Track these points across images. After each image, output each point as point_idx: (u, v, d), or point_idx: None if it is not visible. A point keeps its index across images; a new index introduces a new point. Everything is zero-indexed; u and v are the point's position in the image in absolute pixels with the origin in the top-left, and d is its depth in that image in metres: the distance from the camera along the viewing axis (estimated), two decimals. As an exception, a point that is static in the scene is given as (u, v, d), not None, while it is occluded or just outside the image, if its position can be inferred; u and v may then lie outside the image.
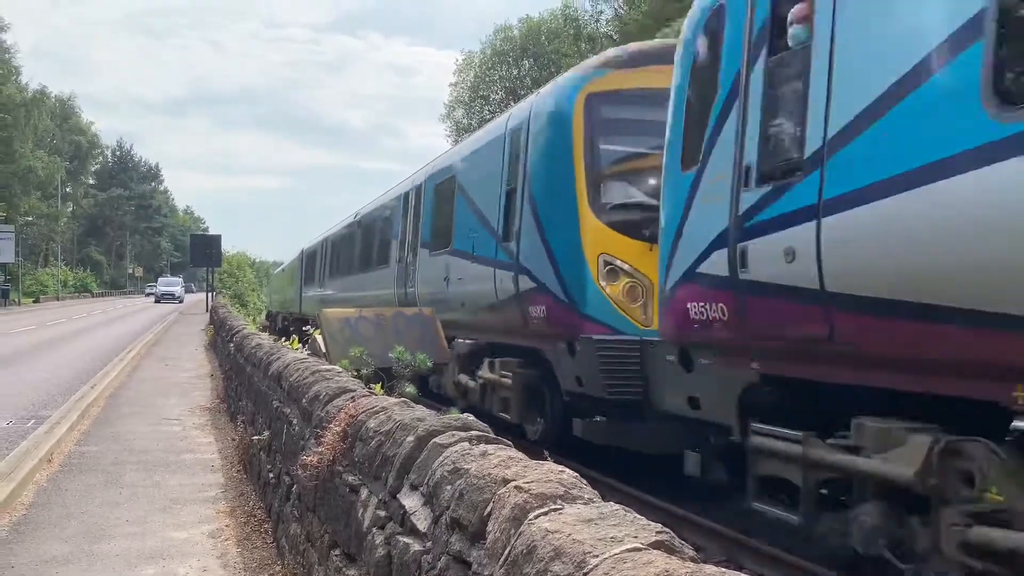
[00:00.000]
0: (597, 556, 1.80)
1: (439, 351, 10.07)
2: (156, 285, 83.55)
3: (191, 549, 5.73)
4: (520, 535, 2.10)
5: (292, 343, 10.29)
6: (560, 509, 2.15)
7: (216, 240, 47.15)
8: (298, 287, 29.97)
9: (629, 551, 1.80)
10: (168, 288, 76.97)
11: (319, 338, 9.74)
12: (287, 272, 35.90)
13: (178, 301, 71.00)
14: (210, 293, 45.89)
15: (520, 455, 2.73)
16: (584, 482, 2.41)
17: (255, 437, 7.39)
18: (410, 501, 3.05)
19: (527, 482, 2.34)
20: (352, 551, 3.72)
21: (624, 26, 41.91)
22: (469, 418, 3.48)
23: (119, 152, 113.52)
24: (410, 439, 3.30)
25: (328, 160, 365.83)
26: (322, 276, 24.37)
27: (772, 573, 5.91)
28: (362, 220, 18.99)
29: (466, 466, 2.70)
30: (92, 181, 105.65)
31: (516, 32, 57.04)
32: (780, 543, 6.15)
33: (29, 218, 68.34)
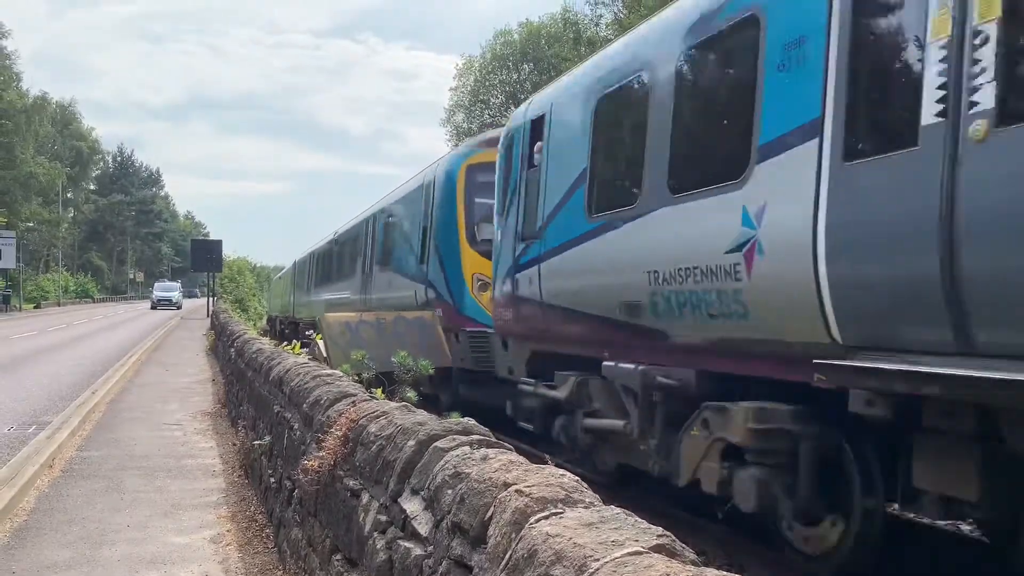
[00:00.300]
0: (598, 560, 1.80)
1: (441, 356, 10.09)
2: (152, 290, 79.89)
3: (192, 554, 5.74)
4: (521, 539, 2.10)
5: (294, 348, 10.29)
6: (561, 513, 2.15)
7: (217, 245, 47.15)
8: (291, 293, 34.25)
9: (630, 555, 1.80)
10: (165, 293, 72.99)
11: (320, 343, 9.76)
12: (283, 280, 40.86)
13: (176, 307, 68.08)
14: (211, 298, 45.92)
15: (521, 459, 2.74)
16: (585, 486, 2.41)
17: (256, 442, 7.39)
18: (411, 505, 3.06)
19: (528, 486, 2.34)
20: (353, 556, 3.72)
21: (624, 30, 41.97)
22: (470, 422, 3.49)
23: (120, 157, 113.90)
24: (411, 443, 3.30)
25: (329, 165, 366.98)
26: (309, 284, 28.29)
27: (774, 576, 5.93)
28: (338, 239, 23.03)
29: (467, 470, 2.70)
30: (93, 187, 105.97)
31: (516, 36, 57.05)
32: (781, 546, 6.14)
33: (30, 224, 68.47)
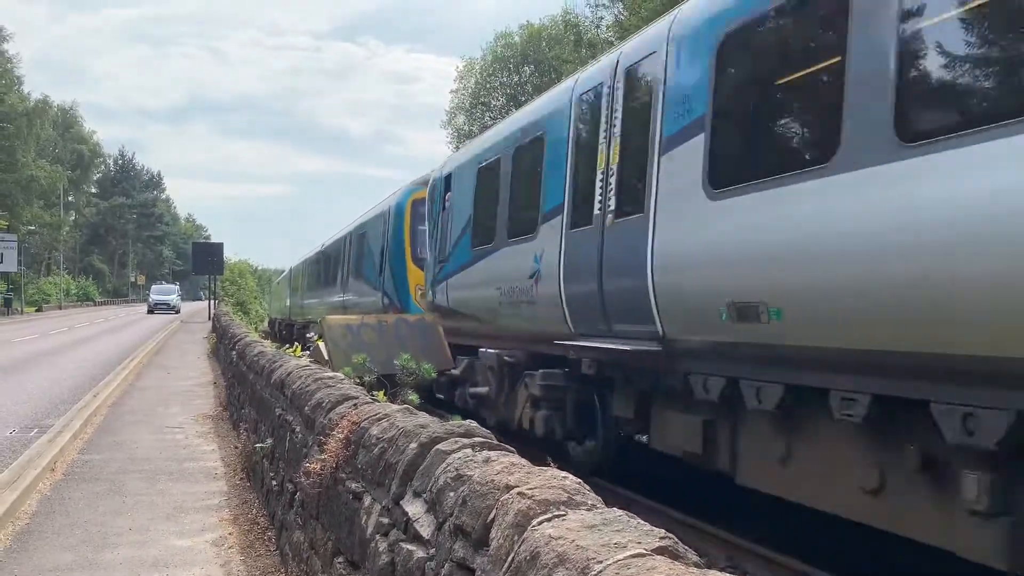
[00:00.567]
0: (601, 562, 1.80)
1: (442, 358, 10.09)
2: (149, 293, 74.86)
3: (194, 557, 5.74)
4: (524, 541, 2.10)
5: (295, 350, 10.29)
6: (563, 515, 2.15)
7: (218, 248, 47.18)
8: (287, 297, 39.32)
9: (633, 557, 1.80)
10: (162, 297, 68.38)
11: (322, 345, 9.76)
12: (281, 284, 46.45)
13: (174, 311, 64.09)
14: (212, 301, 45.93)
15: (523, 461, 2.73)
16: (587, 488, 2.41)
17: (258, 445, 7.39)
18: (413, 508, 3.05)
19: (530, 488, 2.34)
20: (356, 558, 3.72)
21: (625, 32, 41.99)
22: (472, 424, 3.48)
23: (121, 161, 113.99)
24: (413, 446, 3.30)
25: (330, 167, 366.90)
26: (302, 289, 33.08)
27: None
28: (324, 251, 27.80)
29: (469, 473, 2.70)
30: (94, 190, 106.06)
31: (517, 38, 57.07)
32: (784, 548, 6.14)
33: (32, 227, 68.44)
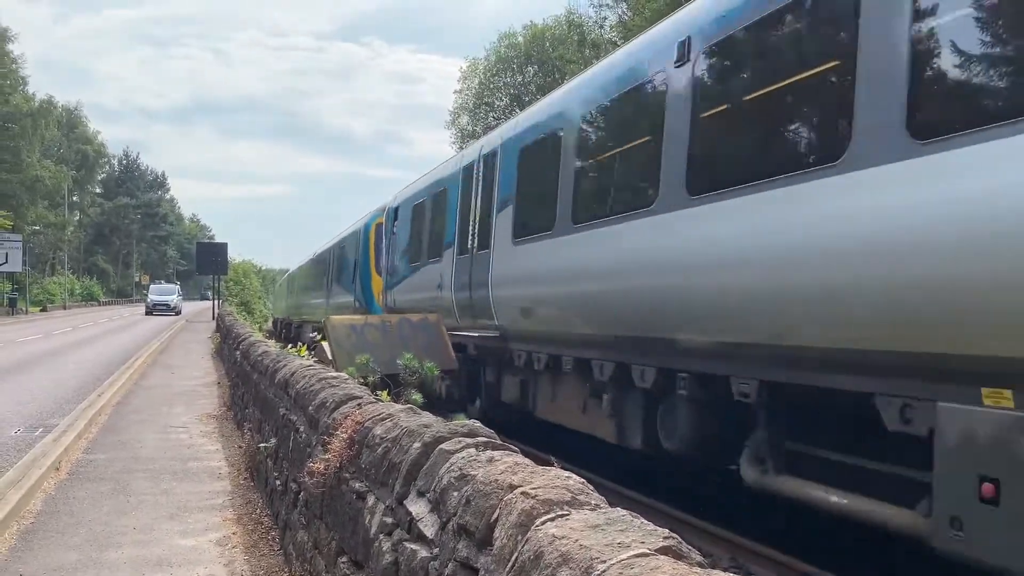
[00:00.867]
0: (604, 562, 1.80)
1: (446, 357, 10.08)
2: (147, 293, 69.68)
3: (198, 557, 5.75)
4: (527, 541, 2.10)
5: (299, 350, 10.30)
6: (567, 515, 2.15)
7: (222, 248, 47.20)
8: (286, 298, 44.13)
9: (636, 557, 1.80)
10: (161, 297, 63.80)
11: (326, 345, 9.77)
12: (282, 285, 51.18)
13: (174, 313, 59.75)
14: (217, 300, 45.99)
15: (527, 461, 2.73)
16: (591, 488, 2.41)
17: (262, 444, 7.39)
18: (417, 507, 3.06)
19: (534, 488, 2.34)
20: (359, 558, 3.72)
21: (628, 32, 41.95)
22: (475, 424, 3.48)
23: (125, 161, 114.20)
24: (416, 445, 3.30)
25: (333, 168, 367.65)
26: (297, 291, 37.78)
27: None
28: (315, 258, 32.79)
29: (473, 472, 2.70)
30: (99, 190, 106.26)
31: (520, 39, 57.00)
32: (787, 548, 6.13)
33: (36, 227, 68.63)
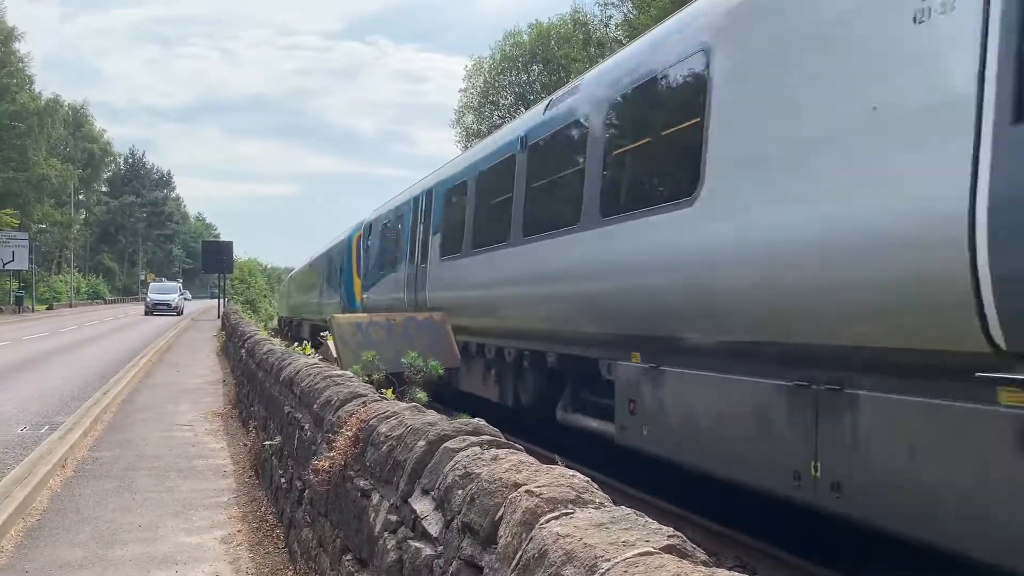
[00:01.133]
0: (609, 560, 1.80)
1: (450, 356, 10.08)
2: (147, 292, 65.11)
3: (203, 554, 5.76)
4: (531, 539, 2.09)
5: (304, 348, 10.31)
6: (571, 513, 2.15)
7: (228, 246, 47.33)
8: (288, 297, 46.41)
9: (641, 555, 1.80)
10: (162, 296, 58.49)
11: (331, 343, 9.78)
12: (286, 285, 52.75)
13: (175, 313, 55.46)
14: (222, 299, 46.09)
15: (531, 459, 2.73)
16: (595, 486, 2.41)
17: (267, 442, 7.40)
18: (421, 506, 3.05)
19: (538, 486, 2.33)
20: (364, 556, 3.72)
21: (634, 31, 41.90)
22: (480, 422, 3.48)
23: (131, 160, 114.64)
24: (421, 444, 3.30)
25: (338, 167, 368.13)
26: (297, 292, 40.31)
27: (785, 578, 5.93)
28: (312, 262, 35.38)
29: (477, 470, 2.70)
30: (105, 188, 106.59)
31: (526, 37, 57.03)
32: (792, 547, 6.12)
33: (43, 225, 68.81)
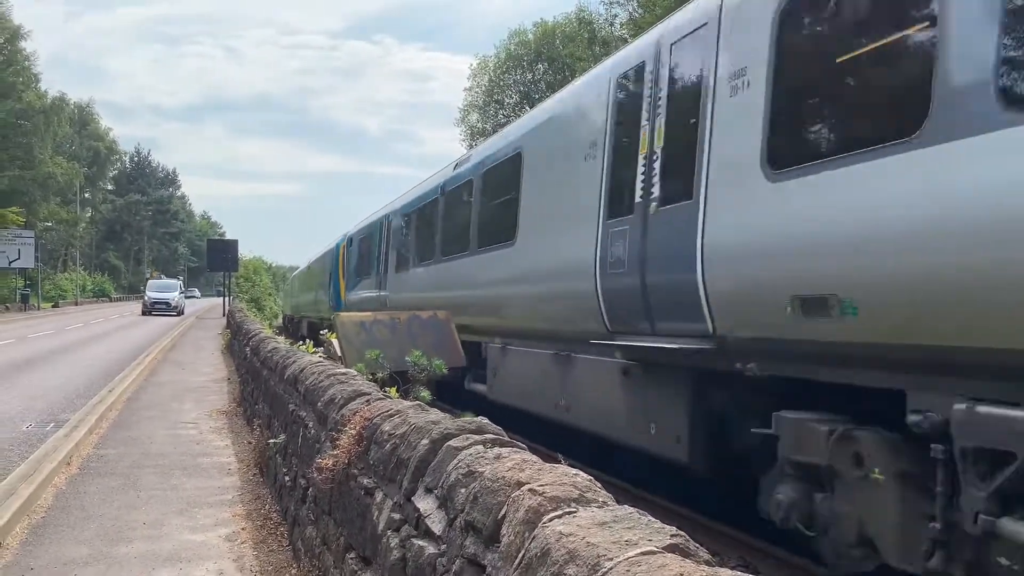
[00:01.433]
0: (611, 559, 1.80)
1: (455, 355, 10.08)
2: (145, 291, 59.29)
3: (208, 552, 5.77)
4: (534, 538, 2.10)
5: (308, 347, 10.32)
6: (574, 512, 2.15)
7: (233, 245, 47.30)
8: (290, 296, 48.08)
9: (644, 554, 1.80)
10: (160, 295, 53.78)
11: (335, 342, 9.78)
12: (289, 285, 53.91)
13: (176, 313, 51.57)
14: (227, 297, 46.12)
15: (534, 458, 2.73)
16: (598, 485, 2.41)
17: (271, 440, 7.42)
18: (425, 504, 3.06)
19: (541, 485, 2.34)
20: (367, 554, 3.73)
21: (639, 30, 41.85)
22: (483, 421, 3.48)
23: (137, 158, 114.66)
24: (424, 442, 3.30)
25: (343, 166, 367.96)
26: (300, 291, 41.11)
27: (788, 578, 5.93)
28: (309, 265, 37.56)
29: (480, 469, 2.71)
30: (110, 187, 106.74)
31: (530, 36, 56.96)
32: (794, 547, 6.11)
33: (48, 224, 68.98)
